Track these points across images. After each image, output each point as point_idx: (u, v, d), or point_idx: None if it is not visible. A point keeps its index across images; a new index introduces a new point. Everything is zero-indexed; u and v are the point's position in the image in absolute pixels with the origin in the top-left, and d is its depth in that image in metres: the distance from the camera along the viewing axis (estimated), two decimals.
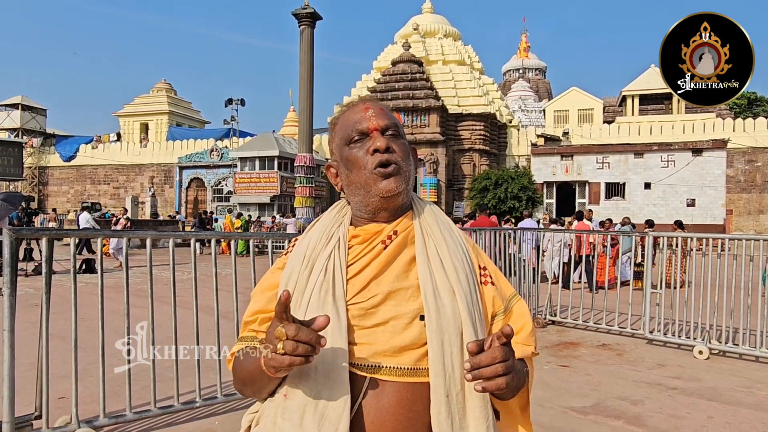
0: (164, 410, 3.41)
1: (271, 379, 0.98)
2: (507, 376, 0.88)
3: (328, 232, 1.11)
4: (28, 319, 5.09)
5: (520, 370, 1.03)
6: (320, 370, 0.98)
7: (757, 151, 27.34)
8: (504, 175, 25.83)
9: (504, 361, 0.88)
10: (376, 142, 1.05)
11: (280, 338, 0.86)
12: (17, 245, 2.96)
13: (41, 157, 38.67)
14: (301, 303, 1.03)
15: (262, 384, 1.02)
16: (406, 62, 27.71)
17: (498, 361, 0.87)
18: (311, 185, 19.41)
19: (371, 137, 1.07)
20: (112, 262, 12.86)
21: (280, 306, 0.87)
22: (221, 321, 3.65)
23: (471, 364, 0.87)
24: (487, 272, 1.14)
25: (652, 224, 12.70)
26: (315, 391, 0.97)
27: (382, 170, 1.05)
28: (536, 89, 47.98)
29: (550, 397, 4.08)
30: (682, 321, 5.77)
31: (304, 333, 0.86)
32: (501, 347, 0.88)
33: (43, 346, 2.98)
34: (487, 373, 0.87)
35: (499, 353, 0.87)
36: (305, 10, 18.51)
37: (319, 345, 0.87)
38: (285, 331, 0.86)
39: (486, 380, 0.87)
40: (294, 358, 0.86)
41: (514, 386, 0.96)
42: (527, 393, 1.12)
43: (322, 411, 0.96)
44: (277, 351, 0.87)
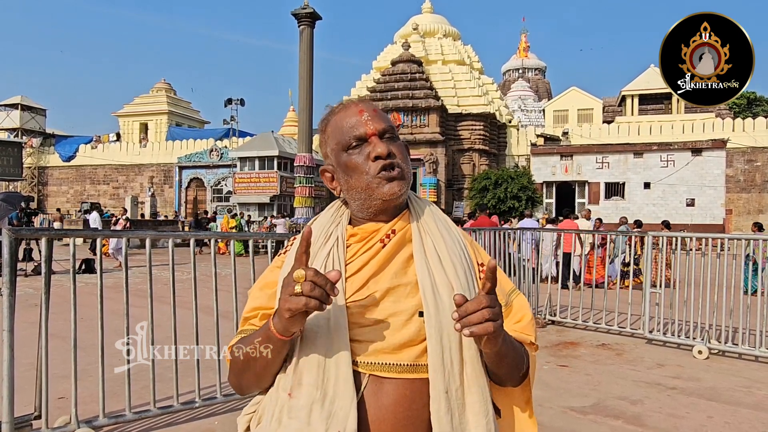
0: (164, 410, 3.41)
1: (279, 349, 0.98)
2: (494, 322, 0.90)
3: (327, 231, 1.11)
4: (28, 319, 5.08)
5: (517, 346, 1.06)
6: (325, 367, 0.98)
7: (756, 150, 27.34)
8: (504, 175, 25.82)
9: (490, 306, 0.90)
10: (377, 148, 1.06)
11: (299, 280, 0.89)
12: (16, 245, 2.96)
13: (41, 157, 38.64)
14: None
15: (267, 361, 0.99)
16: (406, 62, 27.70)
17: (484, 306, 0.89)
18: (311, 185, 19.42)
19: (370, 142, 1.07)
20: (112, 262, 12.86)
21: (302, 244, 0.92)
22: (221, 321, 3.65)
23: (459, 312, 0.90)
24: (485, 268, 1.14)
25: (640, 224, 12.75)
26: (321, 389, 0.97)
27: (386, 174, 1.05)
28: (536, 89, 47.97)
29: (550, 396, 4.08)
30: (682, 321, 5.77)
31: (321, 277, 0.89)
32: (486, 295, 0.91)
33: (42, 346, 2.98)
34: (475, 319, 0.89)
35: (484, 300, 0.90)
36: (305, 10, 18.52)
37: (333, 293, 0.90)
38: (305, 272, 0.89)
39: (474, 325, 0.89)
40: (309, 300, 0.88)
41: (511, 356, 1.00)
42: (530, 384, 1.12)
43: (329, 408, 0.96)
44: (294, 292, 0.89)
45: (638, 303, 6.17)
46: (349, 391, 0.97)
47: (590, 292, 6.89)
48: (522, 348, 1.09)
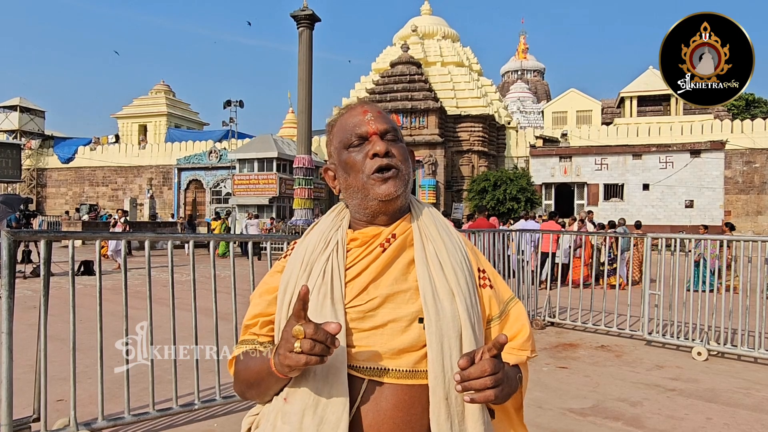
0: (163, 412, 3.40)
1: (279, 381, 0.98)
2: (496, 389, 0.90)
3: (327, 236, 1.11)
4: (27, 321, 5.08)
5: (513, 377, 1.03)
6: (319, 373, 0.98)
7: (755, 152, 27.37)
8: (503, 177, 25.83)
9: (493, 374, 0.89)
10: (375, 146, 1.05)
11: (298, 336, 0.87)
12: (15, 247, 2.95)
13: (39, 159, 38.60)
14: None
15: (269, 385, 1.02)
16: (405, 64, 27.72)
17: (487, 374, 0.89)
18: (310, 187, 19.42)
19: (370, 141, 1.07)
20: (111, 264, 12.85)
21: (299, 303, 0.89)
22: (220, 322, 3.65)
23: (461, 376, 0.89)
24: (485, 275, 1.14)
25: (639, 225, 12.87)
26: (314, 395, 0.97)
27: (381, 174, 1.05)
28: (535, 91, 48.00)
29: (549, 398, 4.08)
30: (681, 322, 5.77)
31: (321, 332, 0.87)
32: (491, 360, 0.90)
33: (41, 349, 2.97)
34: (477, 386, 0.89)
35: (488, 366, 0.89)
36: (304, 12, 18.53)
37: (334, 346, 0.88)
38: (304, 329, 0.87)
39: (475, 392, 0.89)
40: (310, 357, 0.87)
41: (505, 394, 0.97)
42: (521, 396, 1.13)
43: (321, 414, 0.96)
44: (294, 350, 0.87)
45: (637, 304, 6.18)
46: (342, 397, 0.96)
47: (589, 294, 6.89)
48: (517, 374, 1.08)
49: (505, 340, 0.90)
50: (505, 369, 0.94)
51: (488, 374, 0.88)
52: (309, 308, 1.01)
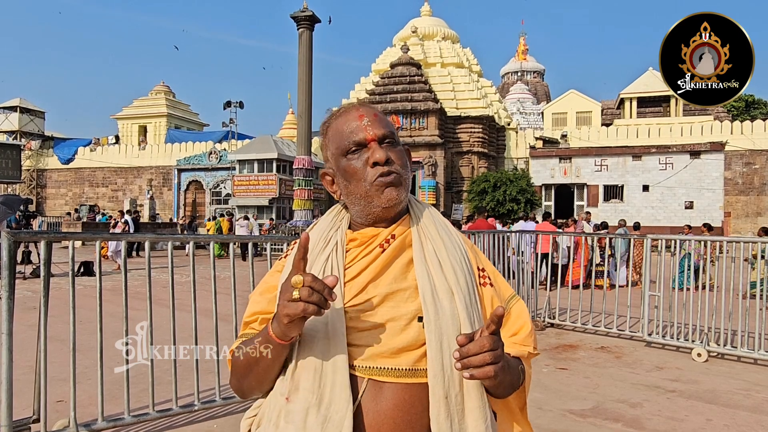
0: (162, 413, 3.40)
1: (277, 353, 0.98)
2: (495, 365, 0.89)
3: (326, 236, 1.11)
4: (27, 322, 5.08)
5: (515, 366, 1.04)
6: (322, 372, 0.98)
7: (754, 153, 27.38)
8: (502, 178, 25.85)
9: (492, 350, 0.89)
10: (375, 154, 1.05)
11: (296, 285, 0.89)
12: (15, 248, 2.96)
13: (39, 160, 38.61)
14: None
15: (267, 364, 1.00)
16: (405, 65, 27.75)
17: (486, 349, 0.89)
18: (310, 188, 19.41)
19: (369, 148, 1.07)
20: (111, 264, 12.85)
21: (299, 252, 0.92)
22: (220, 324, 3.65)
23: (460, 353, 0.89)
24: (485, 273, 1.15)
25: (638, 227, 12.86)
26: (317, 394, 0.98)
27: (384, 180, 1.05)
28: (534, 92, 48.02)
29: (549, 399, 4.08)
30: (681, 323, 5.77)
31: (319, 283, 0.89)
32: (489, 336, 0.90)
33: (41, 349, 2.97)
34: (476, 362, 0.89)
35: (487, 342, 0.89)
36: (304, 13, 18.54)
37: (331, 298, 0.90)
38: (303, 278, 0.89)
39: (475, 368, 0.89)
40: (308, 306, 0.88)
41: (508, 381, 0.97)
42: (524, 393, 1.12)
43: (324, 413, 0.96)
44: (292, 298, 0.89)
45: (637, 306, 6.18)
46: (346, 396, 0.96)
47: (589, 295, 6.89)
48: (519, 365, 1.08)
49: (501, 312, 0.90)
50: (505, 353, 0.94)
51: (487, 350, 0.88)
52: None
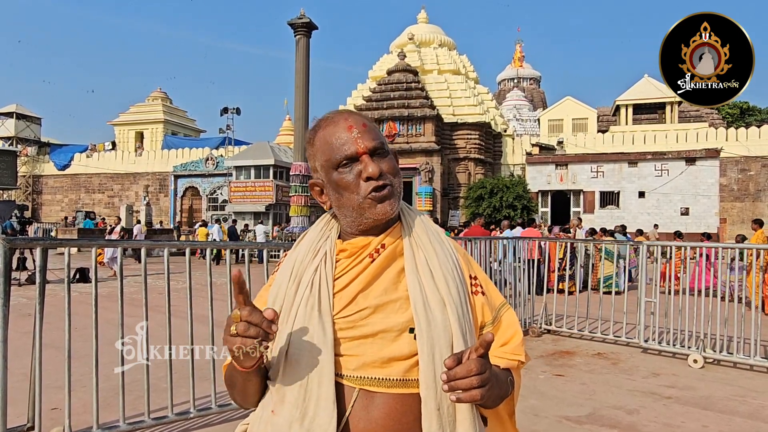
0: (158, 421, 3.39)
1: (245, 378, 1.00)
2: (482, 389, 0.89)
3: (315, 247, 1.10)
4: (21, 329, 5.06)
5: (504, 380, 1.03)
6: (306, 385, 0.98)
7: (749, 160, 27.53)
8: (499, 184, 25.90)
9: (479, 374, 0.88)
10: (368, 168, 1.03)
11: (235, 320, 0.89)
12: (10, 255, 2.95)
13: (35, 166, 38.52)
14: (288, 318, 1.03)
15: (242, 384, 1.03)
16: (402, 71, 27.84)
17: (473, 373, 0.88)
18: (307, 194, 19.41)
19: (361, 161, 1.04)
20: (106, 271, 12.80)
21: (235, 288, 0.91)
22: (215, 330, 3.63)
23: (447, 376, 0.88)
24: (477, 282, 1.14)
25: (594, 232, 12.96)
26: (301, 408, 0.98)
27: (377, 195, 1.03)
28: (531, 98, 48.18)
29: (546, 406, 4.07)
30: (677, 330, 5.78)
31: (256, 316, 0.88)
32: (477, 360, 0.89)
33: (36, 356, 2.96)
34: (463, 385, 0.88)
35: (474, 366, 0.88)
36: (301, 19, 18.60)
37: (270, 331, 0.89)
38: (240, 312, 0.88)
39: (462, 392, 0.89)
40: (245, 339, 0.88)
41: (494, 396, 0.97)
42: (513, 401, 1.12)
43: (308, 426, 0.96)
44: (230, 333, 0.89)
45: (633, 312, 6.18)
46: (330, 410, 0.96)
47: (586, 302, 6.90)
48: (508, 377, 1.07)
49: (491, 338, 0.89)
50: (493, 370, 0.94)
51: (474, 374, 0.88)
52: (297, 320, 1.02)
